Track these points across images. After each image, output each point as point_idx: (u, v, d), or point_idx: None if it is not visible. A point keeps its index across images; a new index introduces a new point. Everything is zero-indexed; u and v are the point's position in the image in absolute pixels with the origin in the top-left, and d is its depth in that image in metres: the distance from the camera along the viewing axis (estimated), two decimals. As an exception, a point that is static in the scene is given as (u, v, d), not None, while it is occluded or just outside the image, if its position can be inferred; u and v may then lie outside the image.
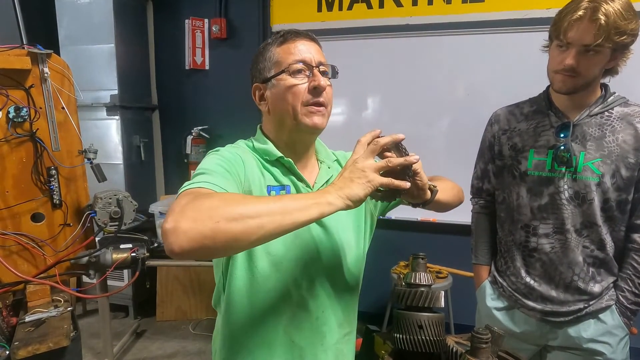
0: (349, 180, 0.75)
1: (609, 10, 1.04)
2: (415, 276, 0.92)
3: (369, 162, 0.76)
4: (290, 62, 0.89)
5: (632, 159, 1.16)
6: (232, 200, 0.67)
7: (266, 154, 0.94)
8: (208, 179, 0.75)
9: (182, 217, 0.62)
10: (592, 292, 1.23)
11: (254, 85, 0.95)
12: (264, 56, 0.93)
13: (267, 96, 0.93)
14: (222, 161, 0.85)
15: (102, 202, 1.83)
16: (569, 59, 1.11)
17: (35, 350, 1.28)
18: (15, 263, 1.64)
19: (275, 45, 0.92)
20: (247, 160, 0.90)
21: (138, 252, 1.90)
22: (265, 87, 0.93)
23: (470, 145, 1.67)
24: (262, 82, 0.93)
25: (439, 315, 0.88)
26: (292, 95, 0.88)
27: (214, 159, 0.85)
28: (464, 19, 2.80)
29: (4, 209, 1.63)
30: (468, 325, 1.05)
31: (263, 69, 0.93)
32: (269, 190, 0.90)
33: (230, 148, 0.93)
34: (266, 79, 0.92)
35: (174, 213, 0.64)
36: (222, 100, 3.43)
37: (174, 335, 3.08)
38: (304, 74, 0.89)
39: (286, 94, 0.89)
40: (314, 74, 0.89)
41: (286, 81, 0.89)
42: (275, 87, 0.91)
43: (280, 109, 0.91)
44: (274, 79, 0.90)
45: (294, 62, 0.89)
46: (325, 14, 3.08)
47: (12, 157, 1.64)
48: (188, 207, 0.64)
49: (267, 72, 0.92)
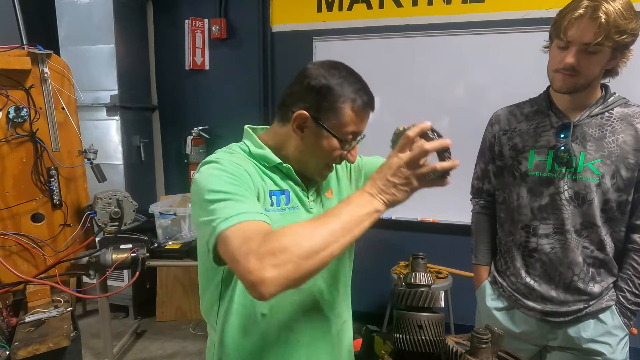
0: (392, 186, 0.77)
1: (610, 9, 1.04)
2: (415, 276, 0.92)
3: (412, 166, 0.78)
4: (348, 131, 0.88)
5: (632, 160, 1.16)
6: (301, 235, 0.70)
7: (264, 160, 0.93)
8: (243, 208, 0.75)
9: (263, 267, 0.66)
10: (592, 292, 1.23)
11: (301, 112, 0.87)
12: (334, 103, 0.86)
13: (306, 132, 0.89)
14: (233, 179, 0.82)
15: (102, 203, 1.83)
16: (569, 57, 1.11)
17: (35, 351, 1.28)
18: (15, 263, 1.65)
19: (351, 103, 0.87)
20: (248, 170, 0.87)
21: (138, 253, 1.90)
22: (312, 124, 0.88)
23: (470, 145, 1.67)
24: (313, 117, 0.87)
25: (439, 315, 0.88)
26: (325, 156, 0.91)
27: (223, 177, 0.81)
28: (464, 19, 2.80)
29: (4, 209, 1.63)
30: (468, 325, 1.06)
31: (325, 110, 0.87)
32: (270, 195, 0.91)
33: (229, 158, 0.88)
34: (319, 122, 0.87)
35: (249, 262, 0.67)
36: (222, 101, 3.43)
37: (174, 336, 3.08)
38: (347, 144, 0.91)
39: (323, 154, 0.90)
40: (354, 148, 0.93)
41: (332, 145, 0.89)
42: (319, 137, 0.89)
43: (309, 154, 0.92)
44: (326, 131, 0.88)
45: (350, 134, 0.89)
46: (325, 14, 3.08)
47: (12, 157, 1.64)
48: (263, 253, 0.67)
49: (324, 117, 0.87)
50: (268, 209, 0.89)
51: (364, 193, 0.77)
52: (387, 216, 3.04)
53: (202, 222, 0.78)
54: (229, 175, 0.82)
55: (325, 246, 0.69)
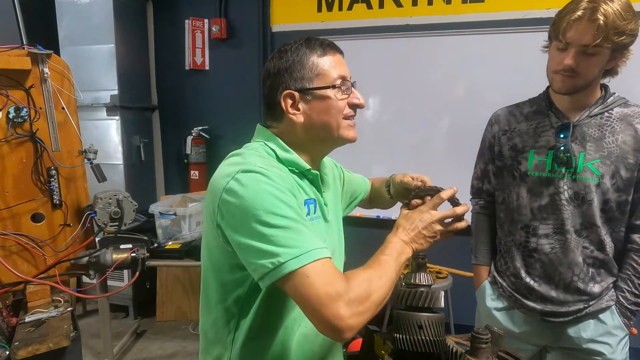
0: (422, 238, 0.88)
1: (608, 11, 1.04)
2: (415, 276, 0.92)
3: (442, 223, 0.90)
4: (335, 76, 0.89)
5: (632, 160, 1.16)
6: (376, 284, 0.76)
7: (294, 166, 0.91)
8: (309, 242, 0.75)
9: (352, 314, 0.71)
10: (592, 292, 1.23)
11: (286, 92, 0.89)
12: (302, 64, 0.89)
13: (304, 107, 0.89)
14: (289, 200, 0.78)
15: (102, 203, 1.83)
16: (568, 59, 1.11)
17: (35, 351, 1.28)
18: (15, 263, 1.64)
19: (316, 56, 0.89)
20: (288, 180, 0.84)
21: (138, 253, 1.90)
22: (302, 97, 0.89)
23: (470, 145, 1.67)
24: (298, 90, 0.89)
25: (439, 315, 0.88)
26: (336, 110, 0.90)
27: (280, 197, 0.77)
28: (464, 19, 2.80)
29: (4, 209, 1.63)
30: (468, 325, 1.06)
31: (301, 77, 0.88)
32: (307, 203, 0.91)
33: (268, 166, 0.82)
34: (306, 89, 0.88)
35: (340, 308, 0.71)
36: (222, 100, 3.43)
37: (174, 336, 3.08)
38: (344, 89, 0.90)
39: (331, 108, 0.89)
40: (353, 91, 0.92)
41: (331, 96, 0.89)
42: (317, 100, 0.89)
43: (322, 122, 0.90)
44: (318, 91, 0.88)
45: (338, 78, 0.89)
46: (325, 14, 3.08)
47: (12, 157, 1.64)
48: (352, 301, 0.72)
49: (307, 82, 0.88)
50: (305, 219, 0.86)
51: (400, 241, 0.86)
52: (388, 216, 3.04)
53: (255, 249, 0.74)
54: (285, 195, 0.78)
55: (385, 295, 0.78)
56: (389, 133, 3.02)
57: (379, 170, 3.07)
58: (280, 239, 0.73)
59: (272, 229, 0.74)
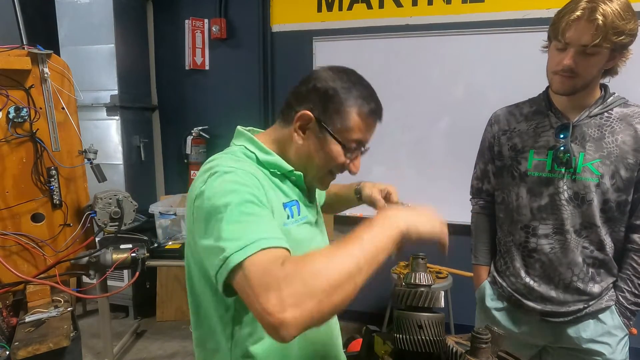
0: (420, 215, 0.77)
1: (607, 11, 1.04)
2: (415, 276, 0.92)
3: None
4: (353, 139, 0.86)
5: (632, 160, 1.16)
6: (322, 266, 0.62)
7: (275, 167, 0.89)
8: (261, 233, 0.67)
9: (282, 308, 0.58)
10: (592, 292, 1.23)
11: (305, 112, 0.84)
12: (341, 106, 0.84)
13: (308, 135, 0.87)
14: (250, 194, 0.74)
15: (102, 203, 1.84)
16: (567, 59, 1.11)
17: (35, 351, 1.28)
18: (15, 263, 1.65)
19: (357, 111, 0.85)
20: (261, 180, 0.81)
21: (138, 253, 1.90)
22: (315, 127, 0.86)
23: (469, 145, 1.67)
24: (317, 120, 0.85)
25: (439, 315, 0.88)
26: (326, 163, 0.88)
27: (239, 190, 0.73)
28: (464, 19, 2.80)
29: (4, 209, 1.63)
30: (468, 325, 1.06)
31: (329, 114, 0.84)
32: (284, 207, 0.87)
33: (240, 166, 0.80)
34: (324, 126, 0.85)
35: (269, 301, 0.59)
36: (222, 100, 3.43)
37: (174, 335, 3.08)
38: (351, 153, 0.88)
39: (325, 160, 0.87)
40: (357, 158, 0.91)
41: (335, 151, 0.86)
42: (322, 141, 0.86)
43: (310, 160, 0.88)
44: (329, 136, 0.85)
45: (355, 141, 0.87)
46: (325, 14, 3.08)
47: (12, 157, 1.64)
48: (282, 291, 0.59)
49: (328, 121, 0.84)
50: (286, 222, 0.84)
51: (387, 215, 0.73)
52: (387, 216, 3.04)
53: (208, 248, 0.70)
54: (245, 188, 0.74)
55: (348, 277, 0.62)
56: (389, 133, 3.02)
57: (379, 170, 3.07)
58: (229, 232, 0.67)
59: (225, 224, 0.68)
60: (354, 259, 0.64)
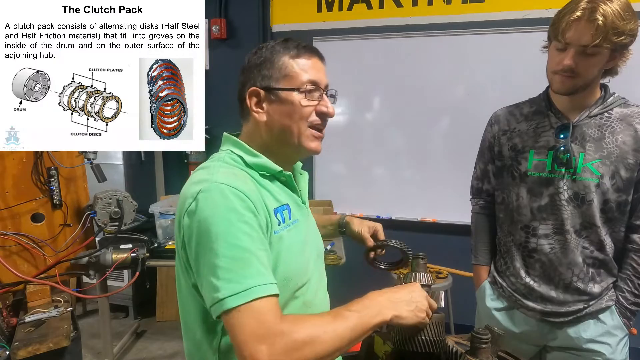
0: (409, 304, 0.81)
1: (607, 11, 1.04)
2: (415, 276, 0.92)
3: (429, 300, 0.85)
4: (304, 80, 0.86)
5: (632, 160, 1.16)
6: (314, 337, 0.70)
7: (264, 169, 0.88)
8: (256, 278, 0.71)
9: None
10: (592, 292, 1.23)
11: (252, 89, 0.87)
12: (272, 63, 0.87)
13: (267, 107, 0.87)
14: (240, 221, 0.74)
15: (102, 203, 1.84)
16: (567, 59, 1.11)
17: (35, 351, 1.28)
18: (15, 263, 1.65)
19: (288, 56, 0.86)
20: (254, 195, 0.79)
21: (138, 253, 1.90)
22: (267, 96, 0.87)
23: (469, 145, 1.67)
24: (264, 89, 0.87)
25: (439, 315, 0.88)
26: (299, 116, 0.86)
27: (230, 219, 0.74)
28: (464, 19, 2.80)
29: (4, 209, 1.63)
30: (468, 325, 1.06)
31: (269, 76, 0.86)
32: (275, 213, 0.85)
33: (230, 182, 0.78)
34: (271, 88, 0.86)
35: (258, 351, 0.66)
36: (222, 100, 3.41)
37: (174, 335, 3.07)
38: (313, 95, 0.87)
39: (293, 113, 0.86)
40: (324, 98, 0.89)
41: (295, 99, 0.85)
42: (280, 102, 0.86)
43: (282, 125, 0.87)
44: (282, 92, 0.86)
45: (308, 82, 0.86)
46: (325, 14, 3.08)
47: (12, 157, 1.64)
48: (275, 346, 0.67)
49: (273, 82, 0.86)
50: (277, 230, 0.84)
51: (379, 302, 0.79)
52: (387, 216, 3.04)
53: (204, 279, 0.73)
54: (242, 218, 0.74)
55: (333, 352, 0.71)
56: (389, 133, 3.02)
57: (379, 170, 3.08)
58: (225, 271, 0.71)
59: (220, 259, 0.71)
60: (342, 340, 0.72)
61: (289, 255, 0.84)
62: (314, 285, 0.93)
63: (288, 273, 0.84)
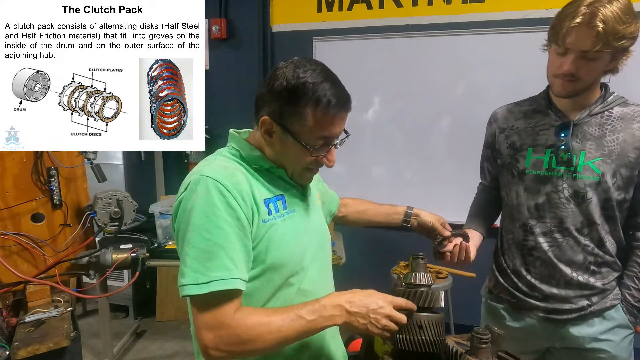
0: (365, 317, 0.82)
1: (607, 16, 1.03)
2: (415, 276, 0.93)
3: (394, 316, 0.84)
4: (317, 136, 0.86)
5: (632, 158, 1.16)
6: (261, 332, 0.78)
7: (258, 162, 0.92)
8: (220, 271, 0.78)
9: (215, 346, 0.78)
10: (595, 286, 1.22)
11: (265, 118, 0.86)
12: (297, 104, 0.83)
13: (275, 137, 0.88)
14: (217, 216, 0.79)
15: (102, 203, 1.84)
16: (568, 64, 1.10)
17: (35, 351, 1.28)
18: (15, 263, 1.64)
19: (312, 107, 0.83)
20: (243, 187, 0.84)
21: (138, 253, 1.90)
22: (279, 129, 0.86)
23: (469, 145, 1.67)
24: (277, 122, 0.86)
25: (439, 315, 0.88)
26: (298, 160, 0.90)
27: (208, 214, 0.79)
28: (464, 19, 2.80)
29: (4, 209, 1.63)
30: (468, 325, 1.06)
31: (287, 114, 0.84)
32: (267, 203, 0.88)
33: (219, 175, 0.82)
34: (285, 128, 0.86)
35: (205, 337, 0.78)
36: (222, 100, 3.43)
37: (174, 335, 3.08)
38: (319, 151, 0.88)
39: (294, 157, 0.90)
40: (330, 151, 0.91)
41: (300, 151, 0.87)
42: (287, 143, 0.87)
43: (281, 159, 0.92)
44: (292, 137, 0.86)
45: (320, 139, 0.86)
46: (325, 14, 3.08)
47: (12, 157, 1.64)
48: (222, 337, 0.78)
49: (289, 123, 0.85)
50: (266, 219, 0.86)
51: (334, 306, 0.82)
52: (387, 216, 3.04)
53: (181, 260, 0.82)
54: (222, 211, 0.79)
55: (276, 346, 0.80)
56: (389, 133, 3.02)
57: (378, 170, 3.07)
58: (193, 261, 0.78)
59: (191, 248, 0.79)
60: (286, 340, 0.80)
61: (282, 243, 0.88)
62: (312, 275, 0.95)
63: (281, 259, 0.88)
